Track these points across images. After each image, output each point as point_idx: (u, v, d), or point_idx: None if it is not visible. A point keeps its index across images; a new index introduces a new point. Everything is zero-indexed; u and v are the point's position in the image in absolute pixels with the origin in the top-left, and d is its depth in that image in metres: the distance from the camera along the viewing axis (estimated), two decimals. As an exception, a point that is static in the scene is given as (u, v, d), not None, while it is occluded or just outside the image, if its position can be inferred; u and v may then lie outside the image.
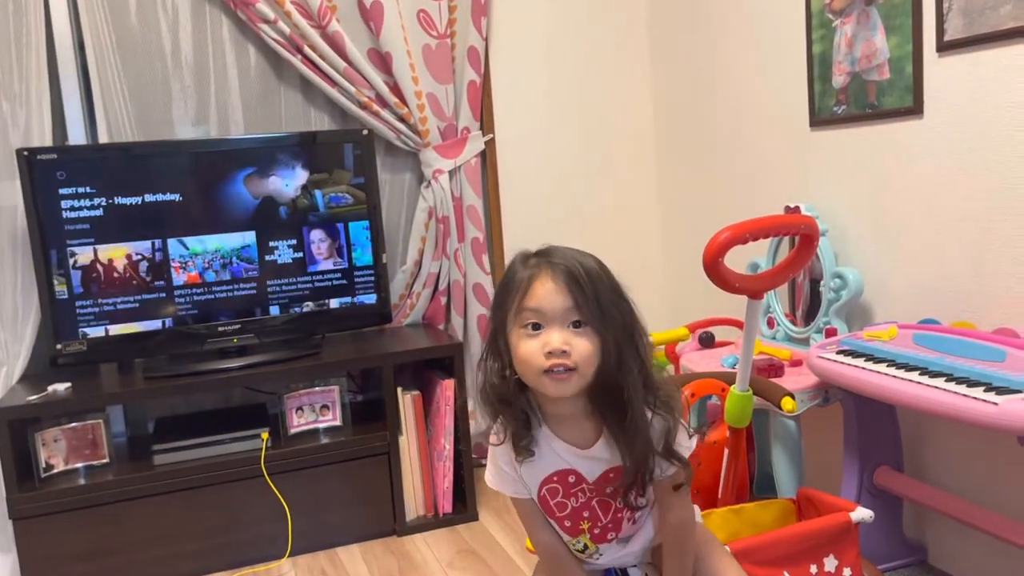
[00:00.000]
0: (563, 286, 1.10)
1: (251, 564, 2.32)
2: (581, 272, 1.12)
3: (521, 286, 1.13)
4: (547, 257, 1.15)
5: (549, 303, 1.10)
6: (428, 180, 2.73)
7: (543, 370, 1.11)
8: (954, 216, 1.87)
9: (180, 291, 2.40)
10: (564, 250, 1.17)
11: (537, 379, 1.13)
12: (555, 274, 1.11)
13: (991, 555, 1.88)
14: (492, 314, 1.20)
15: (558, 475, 1.21)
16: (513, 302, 1.14)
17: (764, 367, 1.99)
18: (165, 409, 2.61)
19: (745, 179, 2.57)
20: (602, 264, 1.17)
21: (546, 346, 1.10)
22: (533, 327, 1.12)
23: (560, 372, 1.10)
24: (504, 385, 1.17)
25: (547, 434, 1.20)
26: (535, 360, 1.11)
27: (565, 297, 1.10)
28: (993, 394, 1.48)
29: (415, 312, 2.81)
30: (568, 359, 1.10)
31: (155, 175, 2.36)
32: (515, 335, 1.14)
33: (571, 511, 1.26)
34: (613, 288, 1.15)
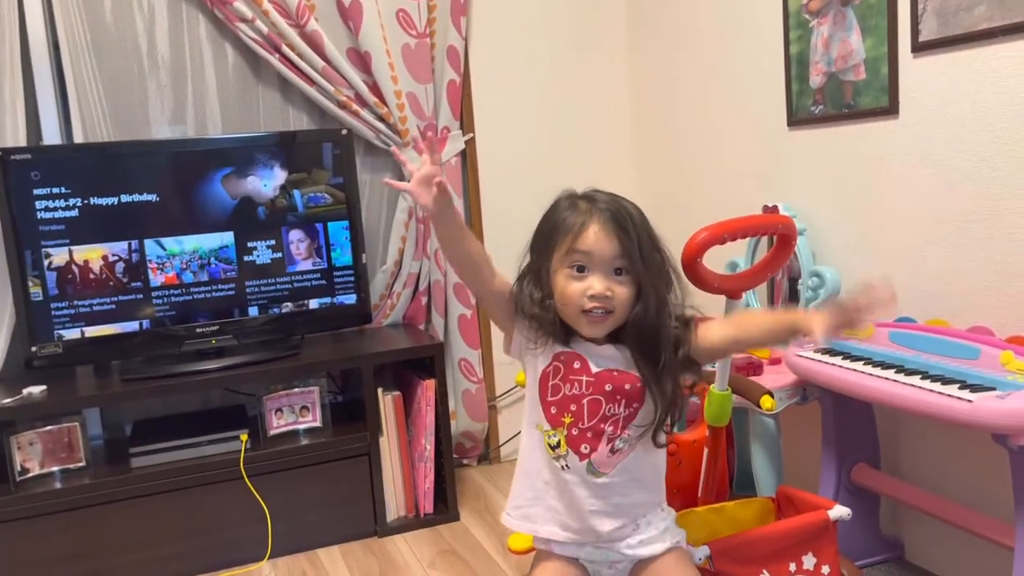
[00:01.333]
0: (612, 234, 1.21)
1: (230, 567, 2.30)
2: (628, 220, 1.22)
3: (573, 228, 1.23)
4: (596, 203, 1.25)
5: (599, 249, 1.21)
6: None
7: (582, 310, 1.23)
8: (929, 215, 1.89)
9: (157, 292, 2.38)
10: (609, 196, 1.27)
11: (575, 317, 1.25)
12: (605, 220, 1.22)
13: (967, 551, 1.90)
14: (536, 248, 1.30)
15: (566, 355, 1.29)
16: (564, 242, 1.23)
17: (743, 366, 2.00)
18: (142, 411, 2.58)
19: (724, 179, 2.58)
20: (641, 212, 1.27)
21: (590, 289, 1.21)
22: (578, 269, 1.23)
23: (598, 314, 1.23)
24: (544, 313, 1.26)
25: (573, 342, 1.31)
26: (577, 300, 1.23)
27: (613, 244, 1.21)
28: (967, 391, 1.50)
29: (395, 312, 2.80)
30: (608, 303, 1.22)
31: (131, 175, 2.34)
32: (560, 273, 1.25)
33: (562, 397, 1.31)
34: (651, 237, 1.26)
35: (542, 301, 1.27)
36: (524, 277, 1.31)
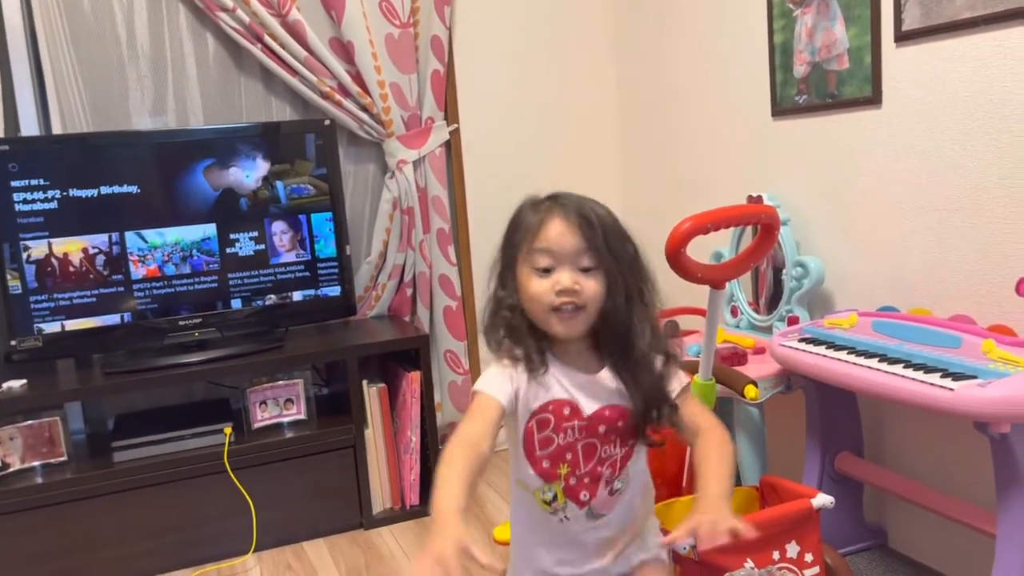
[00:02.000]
0: (575, 227, 1.15)
1: (215, 560, 2.29)
2: (592, 214, 1.17)
3: (533, 227, 1.17)
4: (557, 200, 1.19)
5: (560, 244, 1.15)
6: (392, 170, 2.71)
7: (551, 308, 1.16)
8: (912, 205, 1.90)
9: (139, 285, 2.36)
10: (573, 194, 1.22)
11: (545, 317, 1.18)
12: (567, 215, 1.16)
13: (949, 538, 1.92)
14: (501, 253, 1.24)
15: (555, 404, 1.22)
16: (524, 242, 1.18)
17: (728, 355, 2.01)
18: (125, 405, 2.56)
19: (708, 169, 2.58)
20: (609, 210, 1.22)
21: (556, 285, 1.15)
22: (544, 270, 1.16)
23: (569, 311, 1.16)
24: (516, 317, 1.20)
25: (553, 359, 1.22)
26: (545, 298, 1.16)
27: (576, 238, 1.15)
28: (949, 380, 1.51)
29: (380, 304, 2.79)
30: (577, 297, 1.15)
31: (111, 167, 2.31)
32: (525, 275, 1.18)
33: (555, 448, 1.24)
34: (620, 232, 1.20)
35: (512, 306, 1.21)
36: (495, 293, 1.25)
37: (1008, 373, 1.47)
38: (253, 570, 2.25)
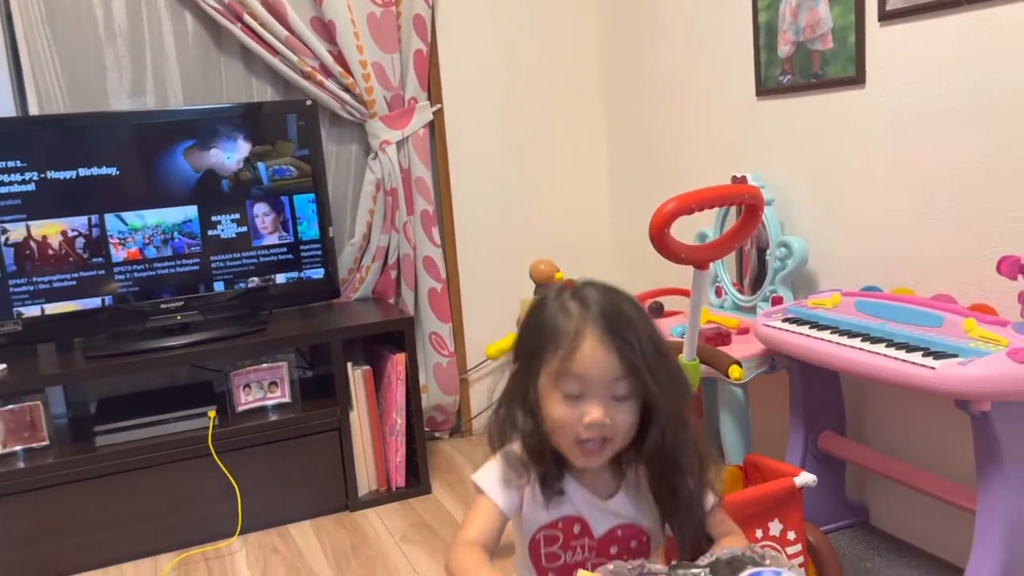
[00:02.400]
0: (610, 349, 1.00)
1: (201, 544, 2.29)
2: (628, 328, 1.01)
3: (564, 343, 1.01)
4: (588, 306, 1.03)
5: (595, 371, 1.00)
6: (375, 151, 2.69)
7: (576, 440, 1.03)
8: (895, 185, 1.90)
9: (120, 268, 2.33)
10: (602, 292, 1.05)
11: (569, 447, 1.05)
12: (603, 334, 1.00)
13: (931, 515, 1.94)
14: (521, 358, 1.09)
15: (564, 522, 1.11)
16: (553, 359, 1.02)
17: (712, 336, 2.01)
18: (107, 389, 2.54)
19: (693, 149, 2.57)
20: (639, 308, 1.07)
21: (586, 416, 1.01)
22: (573, 392, 1.02)
23: (595, 445, 1.03)
24: (539, 442, 1.07)
25: (568, 479, 1.11)
26: (571, 430, 1.03)
27: (612, 365, 1.00)
28: (931, 359, 1.52)
29: (364, 286, 2.78)
30: (607, 431, 1.02)
31: (90, 148, 2.28)
32: (549, 397, 1.04)
33: (562, 566, 1.13)
34: (655, 341, 1.04)
35: (534, 430, 1.07)
36: (512, 401, 1.10)
37: (988, 352, 1.48)
38: (239, 553, 2.25)
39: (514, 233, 2.94)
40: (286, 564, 2.18)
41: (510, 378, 1.11)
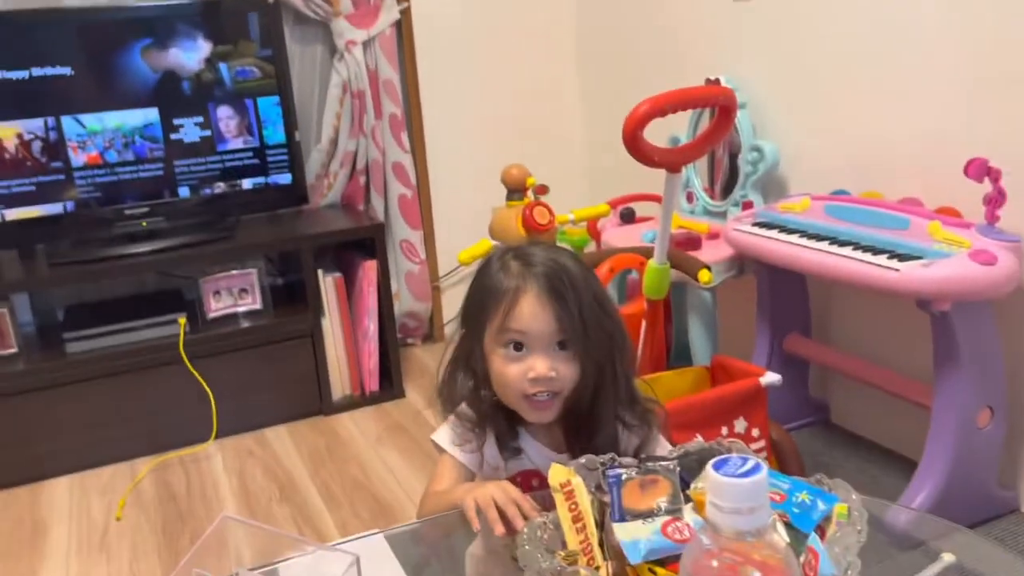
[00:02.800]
0: (548, 304, 1.00)
1: (176, 448, 2.31)
2: (567, 287, 1.01)
3: (505, 300, 1.02)
4: (529, 264, 1.03)
5: (535, 325, 1.01)
6: (341, 52, 2.60)
7: (524, 395, 1.03)
8: (867, 88, 1.89)
9: (80, 172, 2.27)
10: (545, 254, 1.05)
11: (516, 402, 1.05)
12: (540, 289, 1.01)
13: (888, 412, 2.01)
14: (466, 321, 1.09)
15: (522, 476, 1.11)
16: (495, 317, 1.02)
17: (682, 240, 2.02)
18: (73, 297, 2.51)
19: (667, 52, 2.53)
20: (584, 266, 1.06)
21: (531, 371, 1.01)
22: (516, 347, 1.02)
23: (543, 398, 1.03)
24: (480, 404, 1.08)
25: (522, 434, 1.11)
26: (517, 385, 1.03)
27: (551, 317, 1.00)
28: (896, 261, 1.55)
29: (333, 193, 2.74)
30: (553, 384, 1.02)
31: (43, 47, 2.18)
32: (495, 353, 1.04)
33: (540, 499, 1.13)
34: (596, 298, 1.04)
35: (475, 389, 1.08)
36: (456, 362, 1.10)
37: (951, 254, 1.52)
38: (215, 456, 2.28)
39: (485, 138, 2.90)
40: (262, 466, 2.22)
41: (458, 341, 1.11)
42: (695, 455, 0.91)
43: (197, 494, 2.11)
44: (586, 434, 1.07)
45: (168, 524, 1.98)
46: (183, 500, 2.08)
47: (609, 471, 0.86)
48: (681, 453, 0.91)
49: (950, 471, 1.60)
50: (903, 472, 1.89)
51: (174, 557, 1.85)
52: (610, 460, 0.90)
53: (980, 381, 1.60)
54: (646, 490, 0.84)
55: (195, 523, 1.98)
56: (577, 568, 0.75)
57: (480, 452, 1.10)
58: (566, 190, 2.88)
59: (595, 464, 0.90)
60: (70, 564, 1.86)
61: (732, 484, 0.52)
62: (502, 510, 0.92)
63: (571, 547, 0.81)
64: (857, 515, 0.76)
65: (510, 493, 0.94)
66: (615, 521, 0.80)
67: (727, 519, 0.52)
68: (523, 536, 0.81)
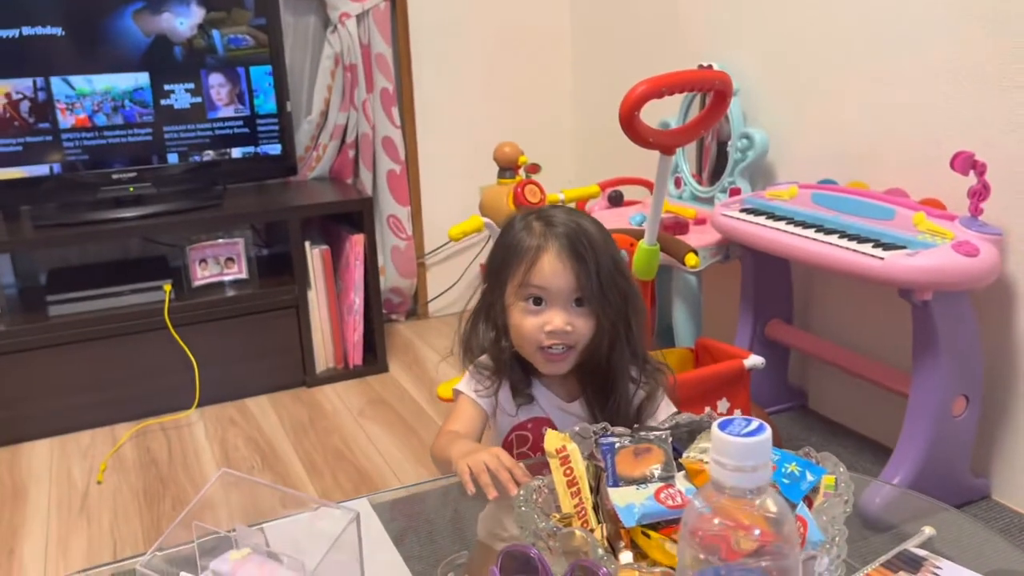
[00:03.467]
0: (568, 261, 1.06)
1: (158, 415, 2.31)
2: (587, 247, 1.07)
3: (527, 257, 1.07)
4: (551, 225, 1.08)
5: (555, 282, 1.06)
6: (334, 24, 2.59)
7: (539, 347, 1.08)
8: (859, 78, 1.92)
9: (68, 135, 2.25)
10: (567, 216, 1.10)
11: (532, 353, 1.10)
12: (561, 248, 1.06)
13: (864, 400, 2.05)
14: (489, 276, 1.14)
15: (533, 423, 1.16)
16: (516, 273, 1.08)
17: (670, 224, 2.05)
18: (57, 260, 2.49)
19: (660, 37, 2.54)
20: (603, 230, 1.11)
21: (547, 324, 1.06)
22: (535, 302, 1.08)
23: (558, 351, 1.08)
24: (500, 353, 1.13)
25: (536, 384, 1.17)
26: (534, 336, 1.08)
27: (570, 275, 1.06)
28: (880, 250, 1.58)
29: (321, 165, 2.73)
30: (568, 338, 1.07)
31: (33, 5, 2.15)
32: (515, 307, 1.10)
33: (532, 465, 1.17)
34: (614, 260, 1.10)
35: (496, 340, 1.13)
36: (478, 313, 1.16)
37: (935, 244, 1.55)
38: (197, 424, 2.28)
39: (475, 116, 2.90)
40: (244, 435, 2.22)
41: (480, 294, 1.16)
42: (685, 427, 0.94)
43: (179, 461, 2.11)
44: (600, 388, 1.12)
45: (149, 489, 1.99)
46: (164, 466, 2.08)
47: (602, 439, 0.89)
48: (672, 424, 0.94)
49: (924, 457, 1.64)
50: (878, 458, 1.94)
51: (155, 521, 1.86)
52: (602, 429, 0.92)
53: (957, 370, 1.64)
54: (639, 458, 0.87)
55: (176, 489, 1.98)
56: (572, 529, 0.76)
57: (495, 396, 1.15)
58: (555, 170, 2.90)
59: (588, 433, 0.92)
60: (51, 526, 1.86)
61: (737, 442, 0.54)
62: (495, 475, 0.95)
63: (566, 511, 0.84)
64: (844, 486, 0.79)
65: (503, 460, 0.96)
66: (610, 487, 0.83)
67: (731, 476, 0.54)
68: (519, 498, 0.83)
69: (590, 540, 0.75)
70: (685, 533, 0.59)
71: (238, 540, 0.84)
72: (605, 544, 0.79)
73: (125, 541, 1.80)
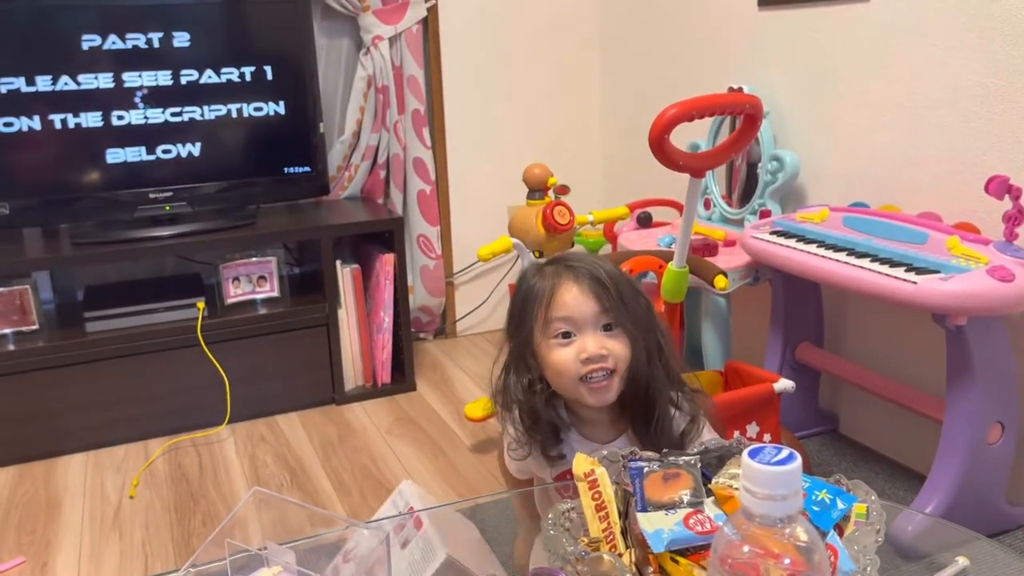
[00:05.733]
0: (588, 289, 1.04)
1: (189, 431, 2.34)
2: (603, 273, 1.06)
3: (544, 296, 1.06)
4: (563, 263, 1.08)
5: (578, 309, 1.04)
6: (367, 47, 2.63)
7: (580, 377, 1.05)
8: (891, 102, 1.91)
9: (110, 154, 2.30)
10: (577, 255, 1.11)
11: (574, 389, 1.06)
12: (578, 278, 1.05)
13: (896, 425, 2.03)
14: (512, 330, 1.12)
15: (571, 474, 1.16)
16: (539, 314, 1.06)
17: (699, 246, 2.04)
18: (94, 277, 2.54)
19: (688, 58, 2.55)
20: (617, 267, 1.11)
21: (582, 352, 1.04)
22: (564, 335, 1.05)
23: (599, 379, 1.05)
24: (533, 398, 1.11)
25: (575, 436, 1.13)
26: (571, 368, 1.04)
27: (592, 301, 1.04)
28: (913, 274, 1.56)
29: (353, 185, 2.77)
30: (607, 363, 1.04)
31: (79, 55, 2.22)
32: (544, 346, 1.07)
33: None
34: (632, 287, 1.09)
35: (529, 386, 1.10)
36: (507, 367, 1.13)
37: (969, 268, 1.53)
38: (227, 440, 2.31)
39: (504, 137, 2.93)
40: (274, 452, 2.24)
41: (507, 351, 1.14)
42: (715, 452, 0.94)
43: (209, 476, 2.13)
44: (644, 417, 1.10)
45: (180, 504, 2.01)
46: (195, 481, 2.11)
47: (631, 464, 0.89)
48: (701, 450, 0.93)
49: (958, 485, 1.62)
50: (911, 485, 1.91)
51: (185, 536, 1.88)
52: (631, 453, 0.92)
53: (992, 396, 1.61)
54: (668, 483, 0.86)
55: (207, 504, 2.00)
56: (601, 553, 0.76)
57: (528, 458, 1.15)
58: (584, 192, 2.91)
59: (617, 457, 0.92)
60: (83, 539, 1.89)
61: (767, 471, 0.54)
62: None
63: (594, 535, 0.84)
64: (875, 515, 0.78)
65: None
66: (639, 511, 0.83)
67: (761, 504, 0.54)
68: (548, 522, 0.83)
69: (618, 565, 0.75)
70: (715, 560, 0.59)
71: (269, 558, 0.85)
72: (633, 569, 0.79)
73: (156, 556, 1.82)
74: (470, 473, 2.10)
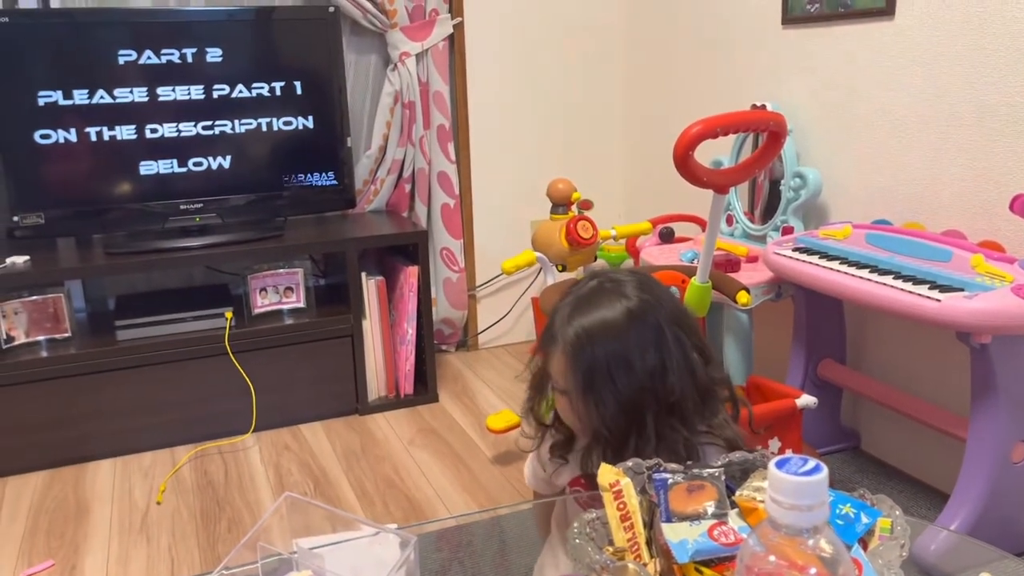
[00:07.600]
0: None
1: (215, 438, 2.37)
2: (588, 347, 1.07)
3: (547, 346, 1.13)
4: (569, 316, 1.10)
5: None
6: (394, 63, 2.67)
7: None
8: (915, 119, 1.92)
9: (143, 166, 2.35)
10: (592, 306, 1.09)
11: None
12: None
13: (919, 442, 2.02)
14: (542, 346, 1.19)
15: (587, 477, 1.18)
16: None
17: (721, 262, 2.05)
18: (125, 287, 2.59)
19: (712, 76, 2.57)
20: (629, 315, 1.07)
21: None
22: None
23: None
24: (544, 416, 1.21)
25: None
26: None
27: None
28: (937, 292, 1.57)
29: (378, 199, 2.80)
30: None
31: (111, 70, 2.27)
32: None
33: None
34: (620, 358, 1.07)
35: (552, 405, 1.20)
36: (532, 386, 1.21)
37: (993, 287, 1.53)
38: (252, 448, 2.34)
39: (528, 153, 2.95)
40: (298, 460, 2.27)
41: (534, 368, 1.22)
42: (739, 465, 0.95)
43: (234, 483, 2.16)
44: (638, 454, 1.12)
45: (206, 510, 2.04)
46: (221, 488, 2.14)
47: (655, 475, 0.90)
48: (725, 463, 0.94)
49: (982, 503, 1.61)
50: (933, 503, 1.91)
51: (211, 542, 1.91)
52: (656, 464, 0.93)
53: (1017, 415, 1.61)
54: (692, 494, 0.88)
55: (232, 511, 2.03)
56: (626, 563, 0.78)
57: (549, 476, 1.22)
58: (607, 207, 2.93)
59: (642, 468, 0.93)
60: (111, 544, 1.92)
61: (793, 481, 0.55)
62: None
63: (619, 544, 0.85)
64: (900, 530, 0.79)
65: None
66: (663, 522, 0.84)
67: (786, 515, 0.55)
68: (573, 531, 0.84)
69: (643, 574, 0.76)
70: (740, 570, 0.60)
71: (299, 562, 0.87)
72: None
73: (182, 561, 1.85)
74: (491, 484, 2.12)
